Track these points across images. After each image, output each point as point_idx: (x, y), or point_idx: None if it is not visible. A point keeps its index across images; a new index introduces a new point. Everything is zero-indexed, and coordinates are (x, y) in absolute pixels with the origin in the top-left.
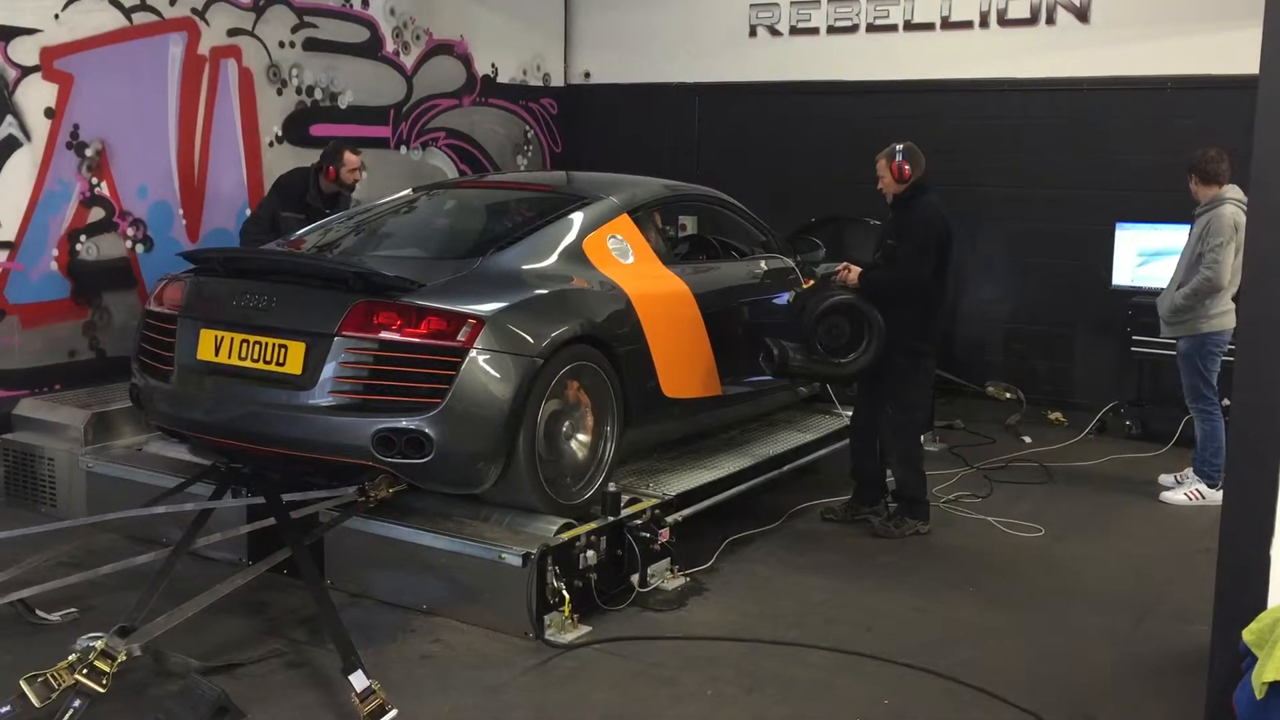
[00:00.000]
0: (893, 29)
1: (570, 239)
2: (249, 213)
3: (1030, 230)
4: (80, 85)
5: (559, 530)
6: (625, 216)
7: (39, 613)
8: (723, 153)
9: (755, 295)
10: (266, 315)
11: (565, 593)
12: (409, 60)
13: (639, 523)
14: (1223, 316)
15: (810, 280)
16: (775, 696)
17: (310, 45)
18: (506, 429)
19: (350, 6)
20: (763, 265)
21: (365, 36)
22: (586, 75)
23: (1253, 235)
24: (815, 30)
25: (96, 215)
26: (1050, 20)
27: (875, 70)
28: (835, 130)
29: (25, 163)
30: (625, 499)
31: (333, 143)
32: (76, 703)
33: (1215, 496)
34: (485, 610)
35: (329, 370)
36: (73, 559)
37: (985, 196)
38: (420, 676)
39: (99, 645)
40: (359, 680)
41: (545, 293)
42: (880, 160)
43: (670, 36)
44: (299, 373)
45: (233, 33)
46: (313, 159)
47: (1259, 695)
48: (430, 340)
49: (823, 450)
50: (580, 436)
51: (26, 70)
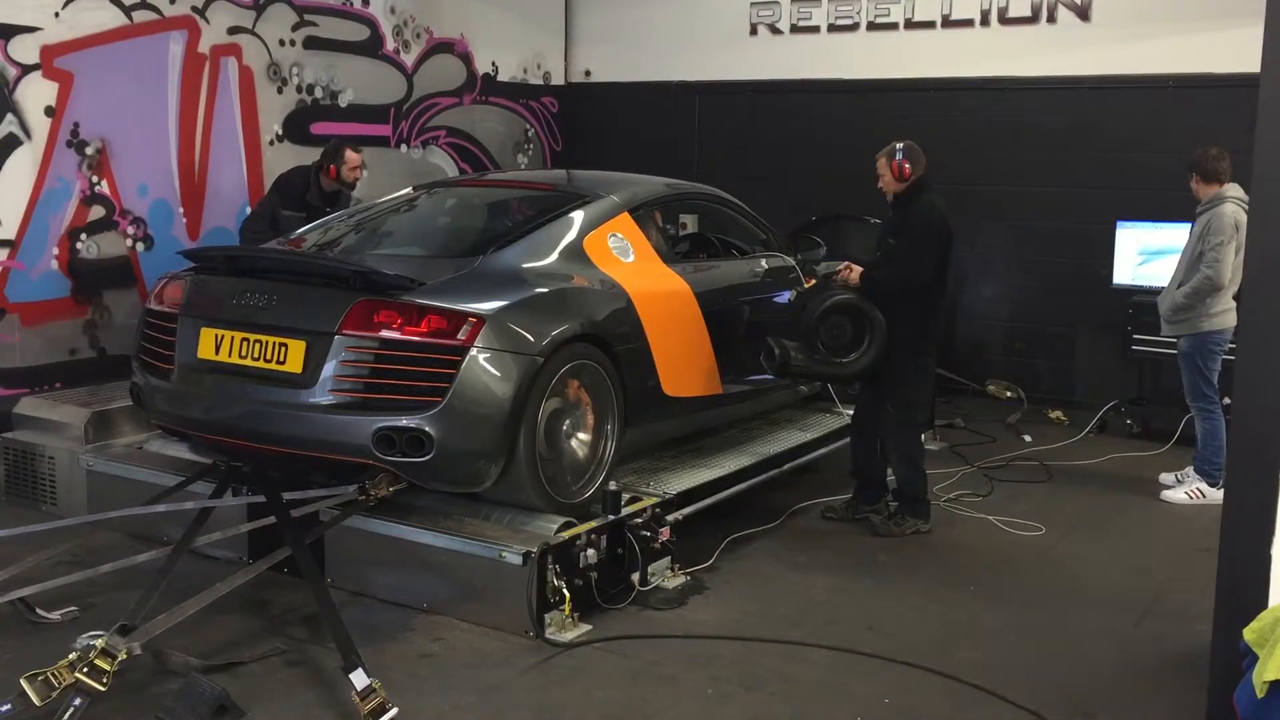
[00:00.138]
0: (893, 27)
1: (571, 237)
2: (249, 211)
3: (1031, 229)
4: (80, 83)
5: (559, 529)
6: (626, 215)
7: (39, 611)
8: (723, 151)
9: (756, 294)
10: (267, 314)
11: (566, 591)
12: (409, 58)
13: (639, 521)
14: (1223, 315)
15: (811, 279)
16: (775, 695)
17: (310, 44)
18: (507, 427)
19: (350, 5)
20: (763, 264)
21: (365, 35)
22: (587, 74)
23: (1253, 234)
24: (816, 29)
25: (97, 214)
26: (1051, 19)
27: (876, 69)
28: (836, 129)
29: (25, 161)
30: (626, 497)
31: (333, 141)
32: (77, 701)
33: (1216, 495)
34: (486, 609)
35: (329, 369)
36: (73, 557)
37: (986, 195)
38: (421, 675)
39: (99, 644)
40: (359, 679)
41: (545, 291)
42: (880, 159)
43: (671, 35)
44: (299, 371)
45: (233, 31)
46: (313, 157)
47: (1260, 694)
48: (431, 339)
49: (823, 449)
50: (581, 435)
51: (27, 68)
